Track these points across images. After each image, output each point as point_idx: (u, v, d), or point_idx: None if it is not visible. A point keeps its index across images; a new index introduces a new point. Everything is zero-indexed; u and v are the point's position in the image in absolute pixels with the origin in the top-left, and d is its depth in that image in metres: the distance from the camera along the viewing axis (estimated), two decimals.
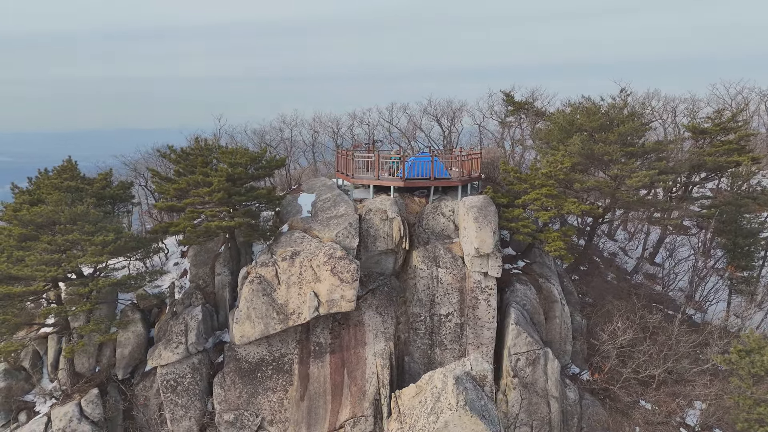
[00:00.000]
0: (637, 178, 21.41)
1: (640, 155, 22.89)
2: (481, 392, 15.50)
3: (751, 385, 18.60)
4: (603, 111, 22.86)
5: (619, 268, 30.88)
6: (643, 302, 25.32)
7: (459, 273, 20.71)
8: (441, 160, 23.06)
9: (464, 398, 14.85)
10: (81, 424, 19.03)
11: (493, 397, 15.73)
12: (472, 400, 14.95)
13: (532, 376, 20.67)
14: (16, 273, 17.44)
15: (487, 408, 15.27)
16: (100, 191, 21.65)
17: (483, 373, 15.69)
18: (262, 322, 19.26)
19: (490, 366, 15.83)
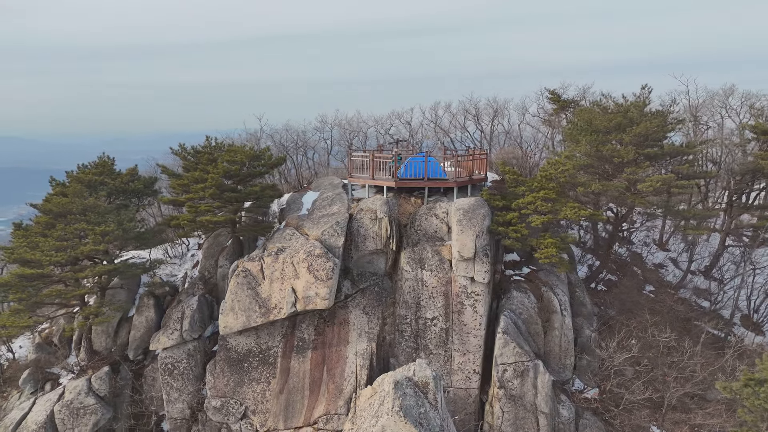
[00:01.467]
0: (649, 182, 19.68)
1: (659, 158, 20.97)
2: (423, 399, 15.08)
3: (759, 421, 16.52)
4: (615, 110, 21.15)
5: (663, 281, 28.45)
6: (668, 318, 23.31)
7: (444, 276, 20.19)
8: (440, 161, 22.51)
9: (400, 404, 14.52)
10: (87, 397, 20.81)
11: (437, 405, 15.19)
12: (409, 407, 14.59)
13: (520, 389, 19.70)
14: (27, 257, 19.46)
15: (427, 416, 14.82)
16: (122, 185, 23.48)
17: (425, 379, 15.26)
18: (245, 315, 19.99)
19: (432, 373, 15.28)
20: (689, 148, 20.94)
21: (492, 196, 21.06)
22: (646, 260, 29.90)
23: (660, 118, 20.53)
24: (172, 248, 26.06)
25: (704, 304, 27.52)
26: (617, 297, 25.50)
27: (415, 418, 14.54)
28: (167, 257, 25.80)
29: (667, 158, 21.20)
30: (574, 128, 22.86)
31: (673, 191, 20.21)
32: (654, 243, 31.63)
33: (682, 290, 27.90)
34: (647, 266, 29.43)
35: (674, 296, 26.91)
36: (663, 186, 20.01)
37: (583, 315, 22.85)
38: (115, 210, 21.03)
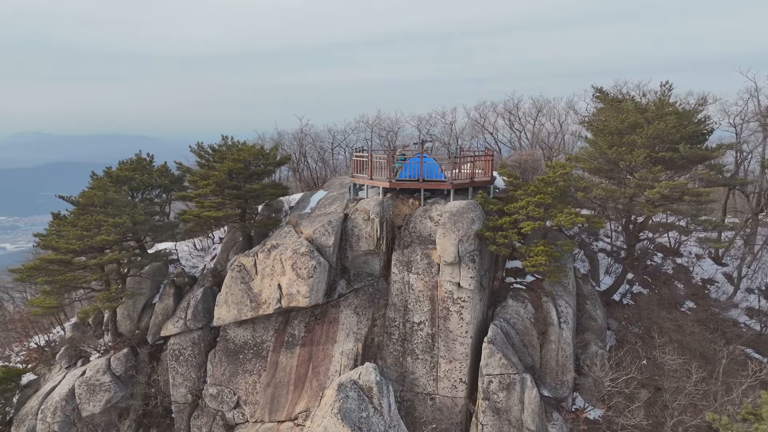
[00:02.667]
0: (657, 189, 17.99)
1: (676, 162, 19.05)
2: (367, 404, 14.90)
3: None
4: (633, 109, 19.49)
5: (707, 298, 25.82)
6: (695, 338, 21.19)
7: (431, 280, 19.69)
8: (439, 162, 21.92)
9: (339, 406, 14.49)
10: (104, 375, 22.54)
11: (382, 411, 14.91)
12: (348, 410, 14.49)
13: (506, 403, 18.80)
14: (53, 244, 21.46)
15: (369, 421, 14.62)
16: (149, 181, 25.14)
17: (369, 384, 15.10)
18: (236, 308, 20.73)
19: (376, 378, 15.05)
20: (709, 151, 18.76)
21: (487, 199, 20.20)
22: (694, 274, 27.31)
23: (675, 118, 18.59)
24: (201, 242, 27.57)
25: (755, 328, 24.71)
26: (645, 313, 23.51)
27: (353, 422, 14.46)
28: (194, 250, 27.37)
29: (686, 162, 19.15)
30: (591, 129, 21.41)
31: (685, 199, 18.23)
32: (709, 256, 28.81)
33: (732, 310, 25.22)
34: (693, 281, 26.87)
35: (718, 316, 24.40)
36: (675, 193, 18.17)
37: (592, 330, 21.35)
38: (132, 204, 22.57)
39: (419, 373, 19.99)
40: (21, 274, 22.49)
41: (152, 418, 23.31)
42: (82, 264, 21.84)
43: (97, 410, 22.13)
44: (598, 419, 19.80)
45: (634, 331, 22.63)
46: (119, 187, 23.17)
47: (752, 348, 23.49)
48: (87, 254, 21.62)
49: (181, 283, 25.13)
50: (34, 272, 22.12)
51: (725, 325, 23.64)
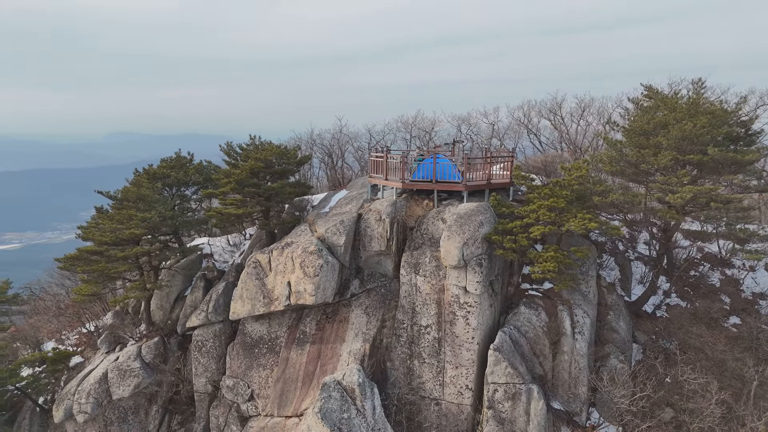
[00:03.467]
0: (679, 194, 16.75)
1: (706, 165, 17.65)
2: (350, 405, 14.83)
3: None
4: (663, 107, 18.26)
5: (757, 313, 23.76)
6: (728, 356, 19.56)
7: (438, 283, 19.31)
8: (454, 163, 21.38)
9: (320, 406, 14.52)
10: (134, 362, 23.77)
11: (365, 413, 14.77)
12: (329, 410, 14.47)
13: (511, 413, 18.15)
14: (91, 236, 22.88)
15: (351, 422, 14.54)
16: (184, 178, 26.23)
17: (351, 385, 15.04)
18: (250, 303, 21.24)
19: (359, 380, 14.93)
20: (743, 154, 17.14)
21: (501, 202, 19.54)
22: (744, 287, 25.21)
23: (707, 118, 17.17)
24: (234, 238, 28.49)
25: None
26: (677, 327, 21.96)
27: (333, 423, 14.47)
28: (228, 246, 28.32)
29: (717, 166, 17.65)
30: (621, 130, 20.26)
31: (711, 205, 16.79)
32: (765, 268, 26.49)
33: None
34: (743, 294, 24.81)
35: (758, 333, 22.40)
36: (702, 199, 16.82)
37: (613, 342, 20.20)
38: (163, 200, 23.64)
39: (426, 378, 19.68)
40: (64, 263, 24.12)
41: (177, 405, 24.32)
42: (115, 255, 23.12)
43: (126, 394, 23.33)
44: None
45: (664, 345, 21.18)
46: (153, 184, 24.31)
47: None
48: (119, 246, 22.83)
49: (211, 277, 26.06)
50: (75, 262, 23.66)
51: (763, 344, 21.64)
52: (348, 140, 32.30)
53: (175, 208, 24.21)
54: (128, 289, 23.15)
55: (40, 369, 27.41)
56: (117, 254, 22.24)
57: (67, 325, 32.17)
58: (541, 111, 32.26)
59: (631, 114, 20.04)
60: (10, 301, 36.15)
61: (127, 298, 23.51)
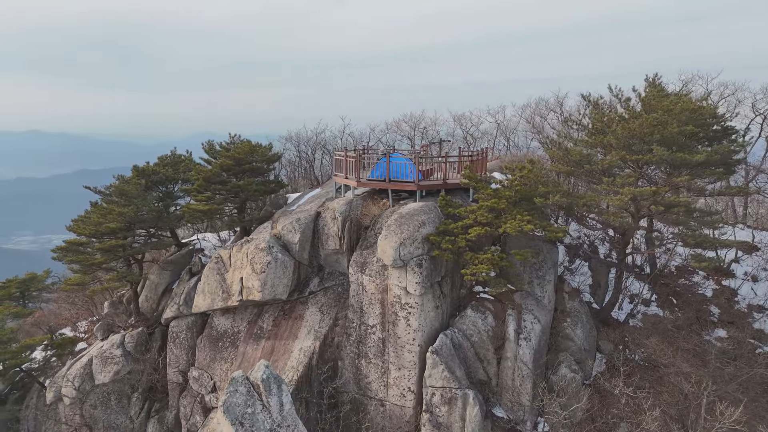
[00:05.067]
0: (620, 197, 15.82)
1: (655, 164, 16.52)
2: (256, 400, 14.90)
3: None
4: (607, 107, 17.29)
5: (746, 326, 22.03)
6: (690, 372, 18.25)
7: (382, 283, 19.09)
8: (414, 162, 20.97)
9: (225, 399, 14.67)
10: (116, 349, 24.92)
11: (270, 409, 14.80)
12: (233, 404, 14.61)
13: (447, 418, 17.76)
14: (76, 229, 24.20)
15: (254, 417, 14.62)
16: (173, 175, 27.20)
17: (255, 381, 15.08)
18: (210, 297, 21.80)
19: (263, 376, 14.90)
20: (692, 155, 15.80)
21: (449, 202, 19.08)
22: (741, 299, 23.43)
23: (658, 116, 16.02)
24: (225, 234, 29.29)
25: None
26: (653, 336, 20.70)
27: (236, 416, 14.63)
28: (218, 241, 29.14)
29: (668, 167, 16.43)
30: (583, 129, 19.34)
31: (652, 209, 15.66)
32: None
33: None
34: (736, 306, 23.08)
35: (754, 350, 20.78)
36: (646, 202, 15.77)
37: (568, 350, 19.32)
38: (142, 195, 24.63)
39: (372, 378, 19.55)
40: (57, 254, 25.63)
41: (156, 394, 25.29)
42: (97, 247, 24.33)
43: (106, 380, 24.51)
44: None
45: (632, 357, 20.01)
46: (138, 180, 25.38)
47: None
48: (99, 239, 24.01)
49: (197, 271, 26.85)
50: (65, 253, 25.09)
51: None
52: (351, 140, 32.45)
53: (158, 204, 25.13)
54: (107, 280, 24.31)
55: (51, 353, 29.27)
56: (97, 246, 23.37)
57: (83, 313, 34.13)
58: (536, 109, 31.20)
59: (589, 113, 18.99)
60: (46, 288, 38.69)
61: (106, 288, 24.67)
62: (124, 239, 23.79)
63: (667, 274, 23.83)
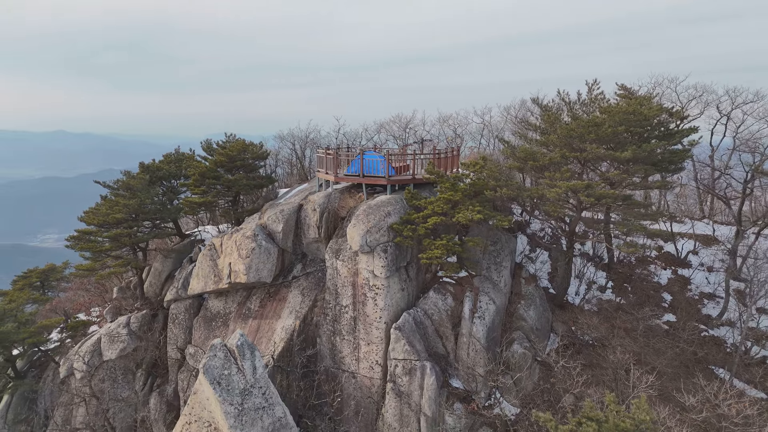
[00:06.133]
0: (555, 190, 17.83)
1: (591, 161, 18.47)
2: (232, 364, 17.17)
3: None
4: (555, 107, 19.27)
5: (696, 312, 23.81)
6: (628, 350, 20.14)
7: (353, 267, 21.26)
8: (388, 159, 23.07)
9: (205, 362, 16.94)
10: (122, 329, 27.46)
11: (244, 372, 17.05)
12: (212, 366, 16.87)
13: (408, 387, 19.88)
14: (86, 220, 26.77)
15: (230, 378, 16.89)
16: (176, 171, 29.68)
17: (231, 347, 17.34)
18: (203, 281, 24.18)
19: (237, 342, 17.12)
20: (621, 152, 17.68)
21: (414, 195, 21.20)
22: (694, 287, 25.17)
23: (595, 118, 17.98)
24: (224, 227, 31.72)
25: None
26: (604, 320, 22.60)
27: (214, 377, 16.91)
28: (218, 232, 31.57)
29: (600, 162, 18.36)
30: (534, 128, 21.33)
31: (583, 200, 17.61)
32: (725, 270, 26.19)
33: (722, 327, 23.06)
34: (689, 294, 24.84)
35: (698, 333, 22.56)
36: (582, 195, 17.74)
37: (521, 329, 21.30)
38: (146, 189, 27.13)
39: (345, 353, 21.73)
40: (70, 243, 28.27)
41: (158, 370, 27.80)
42: (105, 236, 26.91)
43: (113, 356, 27.04)
44: (511, 417, 19.91)
45: (582, 337, 21.92)
46: (143, 175, 27.91)
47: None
48: (106, 228, 26.57)
49: (197, 259, 29.35)
50: (77, 241, 27.71)
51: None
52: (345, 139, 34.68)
53: (161, 197, 27.61)
54: (114, 266, 26.87)
55: (66, 335, 32.02)
56: (104, 234, 25.93)
57: (96, 299, 36.89)
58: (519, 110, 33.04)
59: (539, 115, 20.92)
60: (64, 278, 41.63)
61: (113, 273, 27.21)
62: (130, 228, 26.30)
63: (626, 263, 25.64)
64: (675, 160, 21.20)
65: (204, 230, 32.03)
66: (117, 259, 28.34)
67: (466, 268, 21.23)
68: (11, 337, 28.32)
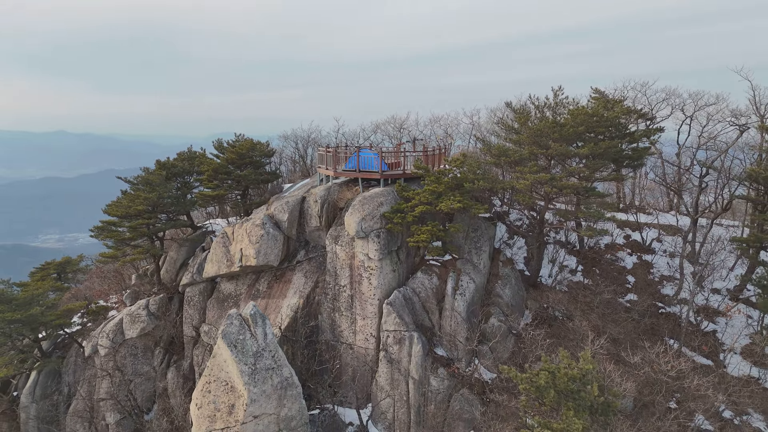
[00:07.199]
0: (523, 182, 20.76)
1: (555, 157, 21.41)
2: (246, 330, 20.09)
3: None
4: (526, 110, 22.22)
5: (655, 292, 26.75)
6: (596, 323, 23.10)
7: (350, 251, 24.18)
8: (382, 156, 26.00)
9: (223, 329, 19.85)
10: (141, 311, 30.37)
11: (257, 337, 19.94)
12: (230, 332, 19.78)
13: (398, 354, 22.79)
14: (110, 212, 29.68)
15: (244, 342, 19.79)
16: (188, 168, 32.58)
17: (246, 316, 20.26)
18: (217, 265, 27.10)
19: (250, 312, 19.99)
20: (578, 149, 20.63)
21: (403, 187, 24.13)
22: (656, 271, 28.13)
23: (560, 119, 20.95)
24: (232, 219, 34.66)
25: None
26: (573, 298, 25.53)
27: (231, 341, 19.82)
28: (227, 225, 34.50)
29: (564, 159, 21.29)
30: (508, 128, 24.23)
31: (546, 190, 20.55)
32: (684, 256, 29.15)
33: (679, 306, 25.97)
34: (650, 276, 27.79)
35: (656, 311, 25.51)
36: (547, 187, 20.67)
37: (497, 305, 24.21)
38: (163, 184, 30.03)
39: (344, 327, 24.65)
40: (95, 233, 31.18)
41: (174, 347, 30.72)
42: (127, 226, 29.83)
43: (134, 335, 29.95)
44: (488, 381, 22.82)
45: (554, 314, 24.84)
46: (160, 172, 30.82)
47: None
48: (128, 219, 29.49)
49: (208, 248, 32.27)
50: (100, 231, 30.63)
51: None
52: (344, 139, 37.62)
53: (176, 191, 30.52)
54: (135, 253, 29.79)
55: (87, 319, 34.92)
56: (125, 225, 28.85)
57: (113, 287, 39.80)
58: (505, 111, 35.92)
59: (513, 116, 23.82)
60: (80, 270, 44.50)
61: (134, 260, 30.13)
62: (149, 219, 29.22)
63: (596, 250, 28.59)
64: (636, 157, 24.13)
65: (214, 223, 34.94)
66: (135, 248, 31.28)
67: (450, 251, 24.16)
68: (39, 320, 31.11)
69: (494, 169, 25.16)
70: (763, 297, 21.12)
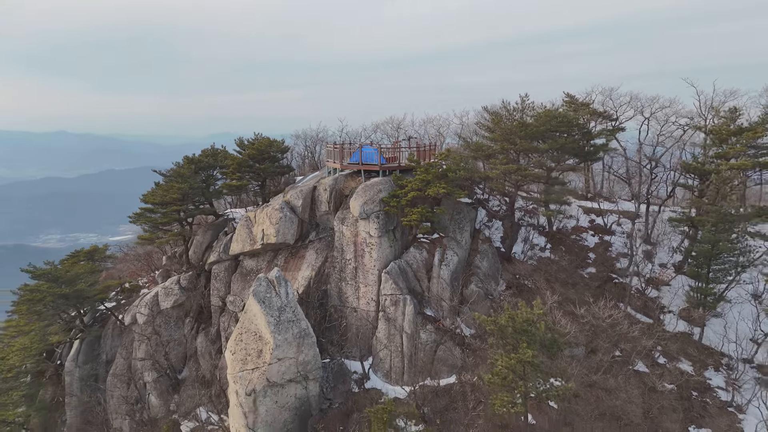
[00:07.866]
0: (495, 171, 25.73)
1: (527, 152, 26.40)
2: (272, 290, 25.10)
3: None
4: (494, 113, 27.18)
5: (612, 267, 31.74)
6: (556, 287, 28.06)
7: (354, 230, 29.16)
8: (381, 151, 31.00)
9: (253, 289, 24.88)
10: (174, 286, 35.28)
11: (281, 295, 24.93)
12: (259, 291, 24.81)
13: (394, 314, 27.76)
14: (147, 200, 34.63)
15: (270, 299, 24.81)
16: (213, 162, 37.49)
17: (272, 278, 25.26)
18: (241, 244, 32.08)
19: (276, 275, 25.02)
20: (541, 145, 25.68)
21: (399, 177, 29.13)
22: (614, 249, 33.13)
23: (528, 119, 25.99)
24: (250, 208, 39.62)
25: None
26: (540, 270, 30.52)
27: (260, 298, 24.83)
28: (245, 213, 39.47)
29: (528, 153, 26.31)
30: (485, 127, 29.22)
31: (515, 178, 25.56)
32: (641, 237, 34.16)
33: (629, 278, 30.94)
34: (608, 254, 32.80)
35: (611, 281, 30.48)
36: (515, 176, 25.64)
37: (476, 274, 29.19)
38: (193, 176, 34.97)
39: (348, 294, 29.61)
40: (133, 218, 36.14)
41: (202, 317, 35.69)
42: (162, 212, 34.80)
43: (168, 306, 34.88)
44: (467, 335, 27.79)
45: (523, 282, 29.85)
46: (189, 166, 35.79)
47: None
48: (163, 206, 34.46)
49: (230, 232, 37.26)
50: (139, 217, 35.61)
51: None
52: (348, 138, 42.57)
53: (203, 183, 35.49)
54: (169, 235, 34.78)
55: (122, 297, 39.87)
56: (161, 210, 33.85)
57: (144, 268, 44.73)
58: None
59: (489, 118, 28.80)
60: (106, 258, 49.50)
61: (167, 241, 35.14)
62: (180, 206, 34.21)
63: (563, 231, 33.60)
64: (594, 152, 29.15)
65: (233, 211, 39.92)
66: (167, 232, 36.25)
67: (437, 230, 29.16)
68: (83, 294, 36.03)
69: (477, 162, 30.14)
70: (690, 265, 26.12)
